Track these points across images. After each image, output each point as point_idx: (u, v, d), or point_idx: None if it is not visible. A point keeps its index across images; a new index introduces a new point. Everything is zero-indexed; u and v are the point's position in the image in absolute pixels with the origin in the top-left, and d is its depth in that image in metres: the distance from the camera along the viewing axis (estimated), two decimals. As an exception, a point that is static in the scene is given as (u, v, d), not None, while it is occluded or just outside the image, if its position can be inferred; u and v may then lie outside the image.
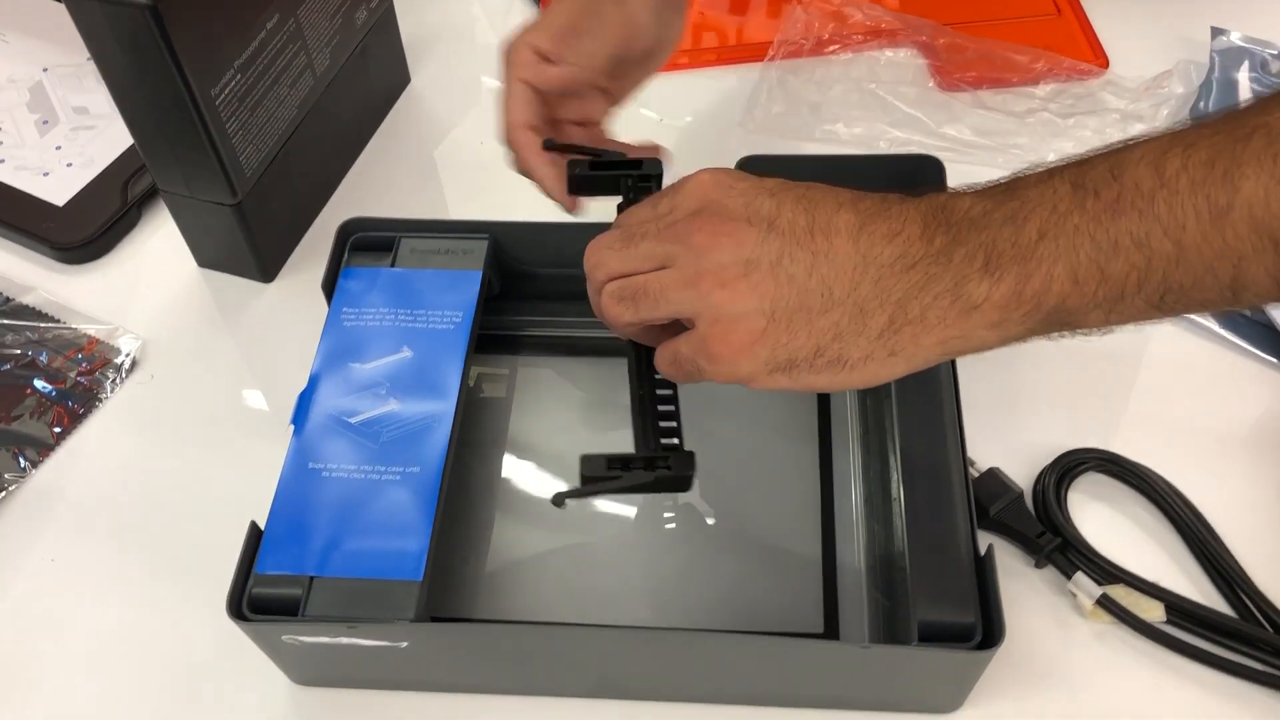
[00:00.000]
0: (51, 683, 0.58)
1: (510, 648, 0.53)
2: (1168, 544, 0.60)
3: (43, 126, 0.81)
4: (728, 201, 0.46)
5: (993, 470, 0.60)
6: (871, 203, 0.45)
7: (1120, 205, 0.40)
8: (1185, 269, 0.40)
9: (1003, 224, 0.42)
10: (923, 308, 0.43)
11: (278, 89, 0.69)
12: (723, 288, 0.44)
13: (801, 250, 0.44)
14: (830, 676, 0.54)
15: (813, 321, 0.44)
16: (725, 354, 0.45)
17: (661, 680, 0.55)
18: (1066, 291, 0.41)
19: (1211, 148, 0.39)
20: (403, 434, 0.56)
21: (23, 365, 0.69)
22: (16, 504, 0.64)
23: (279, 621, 0.50)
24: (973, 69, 0.80)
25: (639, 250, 0.47)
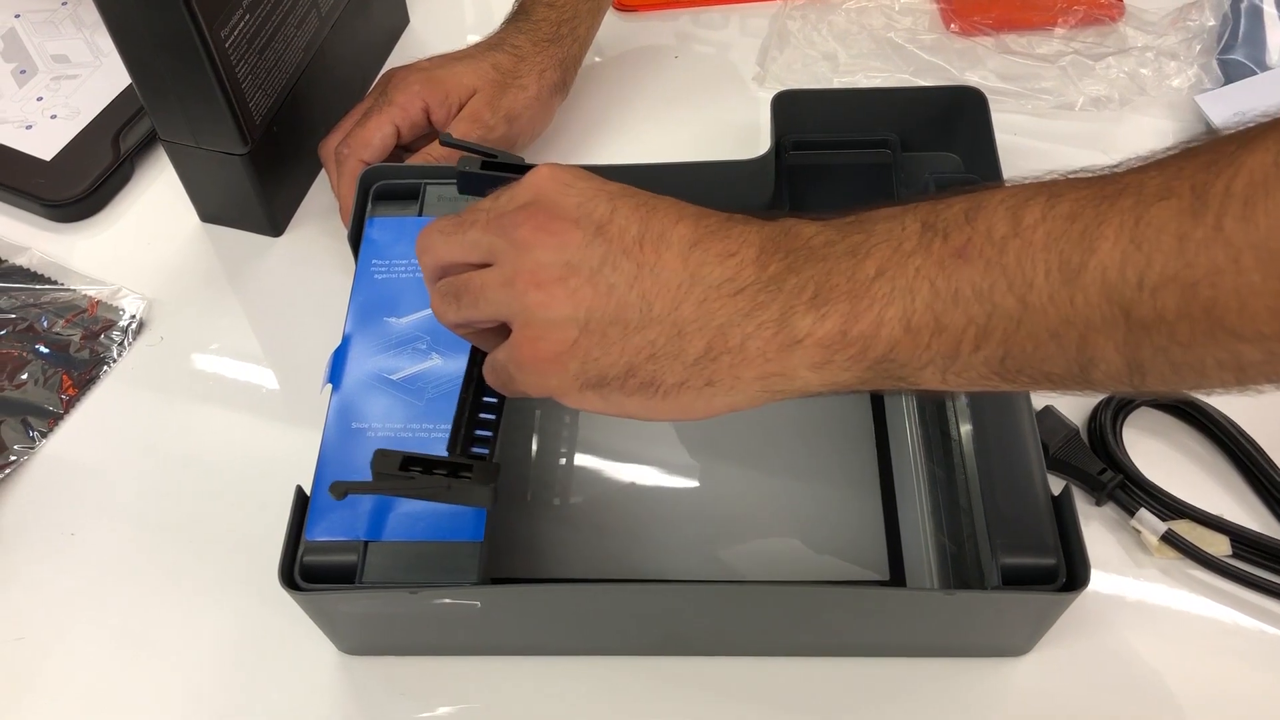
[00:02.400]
0: (83, 661, 0.55)
1: (582, 607, 0.52)
2: (1225, 477, 0.59)
3: (20, 76, 0.76)
4: (561, 199, 0.42)
5: (1048, 408, 0.59)
6: (715, 221, 0.41)
7: (968, 251, 0.36)
8: (1028, 332, 0.36)
9: (842, 257, 0.39)
10: (744, 336, 0.39)
11: (285, 30, 0.65)
12: (538, 289, 0.41)
13: (627, 260, 0.41)
14: (903, 624, 0.53)
15: (627, 337, 0.40)
16: (533, 362, 0.42)
17: (729, 635, 0.54)
18: (897, 339, 0.37)
19: (1076, 201, 0.35)
20: (448, 389, 0.53)
21: (21, 330, 0.66)
22: (28, 476, 0.61)
23: (336, 590, 0.48)
24: (988, 11, 0.77)
25: (465, 238, 0.44)
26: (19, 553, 0.58)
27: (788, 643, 0.54)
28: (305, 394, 0.62)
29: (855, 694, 0.53)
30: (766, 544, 0.57)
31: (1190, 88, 0.72)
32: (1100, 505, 0.58)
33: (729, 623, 0.53)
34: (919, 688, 0.53)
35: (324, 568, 0.49)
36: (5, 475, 0.60)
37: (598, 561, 0.57)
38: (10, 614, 0.56)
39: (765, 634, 0.54)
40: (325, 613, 0.51)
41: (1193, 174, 0.33)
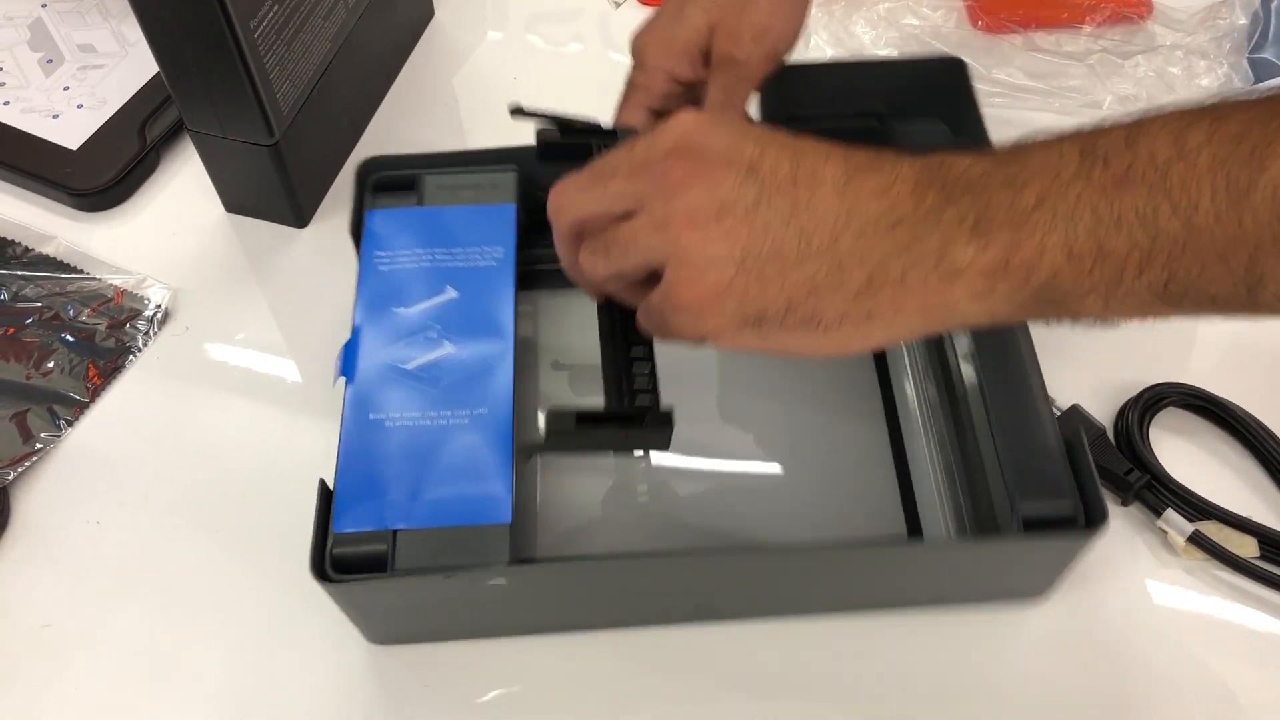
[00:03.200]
0: (109, 649, 0.55)
1: (615, 581, 0.52)
2: (1252, 478, 0.59)
3: (47, 66, 0.76)
4: (708, 142, 0.42)
5: (1075, 407, 0.59)
6: (864, 156, 0.41)
7: (1130, 177, 0.36)
8: (1193, 255, 0.35)
9: (1000, 187, 0.38)
10: (904, 268, 0.39)
11: (312, 21, 0.65)
12: (693, 229, 0.41)
13: (781, 197, 0.40)
14: (926, 576, 0.54)
15: (786, 273, 0.40)
16: (691, 302, 0.41)
17: (756, 599, 0.54)
18: (1060, 266, 0.37)
19: (1243, 122, 0.34)
20: (463, 376, 0.53)
21: (47, 319, 0.66)
22: (54, 465, 0.61)
23: (369, 579, 0.48)
24: (1016, 8, 0.77)
25: (608, 190, 0.44)
26: (46, 540, 0.58)
27: (813, 602, 0.55)
28: (328, 386, 0.62)
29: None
30: (782, 509, 0.58)
31: (1220, 87, 0.72)
32: (1127, 505, 0.58)
33: (756, 587, 0.53)
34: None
35: (355, 558, 0.49)
36: (32, 463, 0.60)
37: (619, 536, 0.57)
38: (37, 601, 0.56)
39: (791, 596, 0.54)
40: (357, 603, 0.51)
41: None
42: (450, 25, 0.81)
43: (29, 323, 0.65)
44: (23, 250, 0.69)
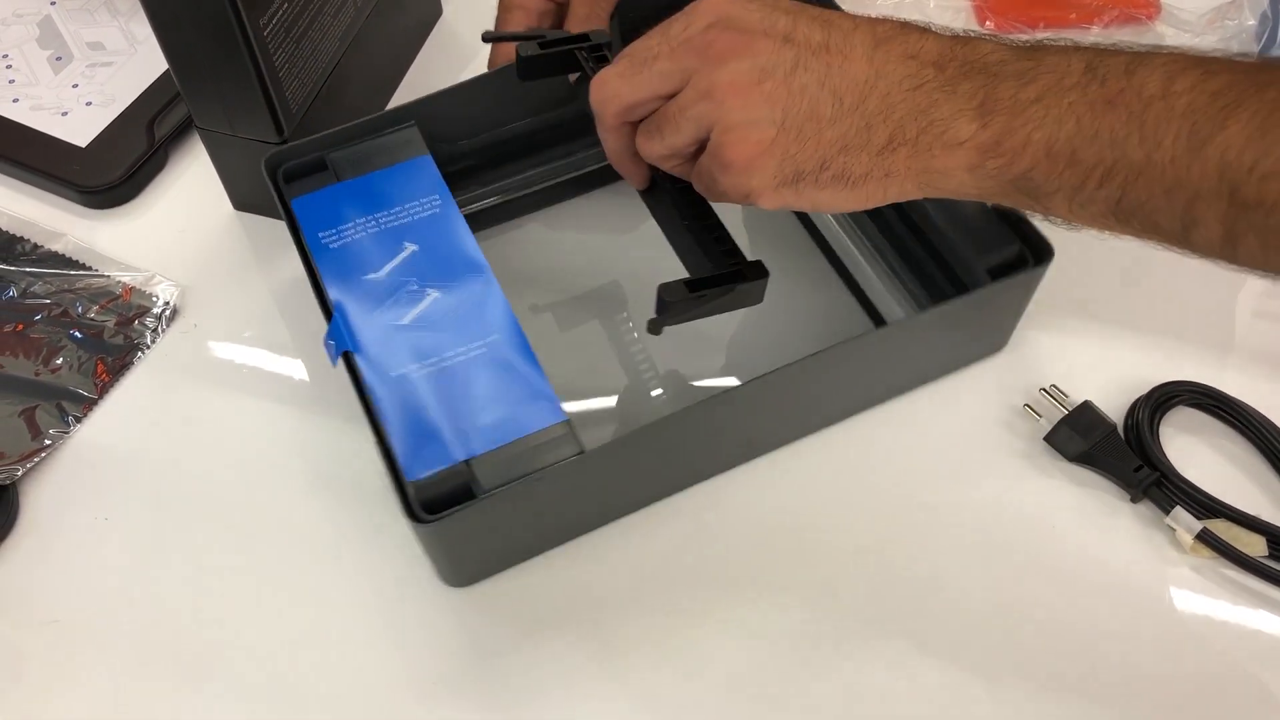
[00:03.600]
0: (114, 645, 0.55)
1: (687, 433, 0.54)
2: (1263, 478, 0.59)
3: (56, 63, 0.76)
4: (744, 15, 0.45)
5: (1086, 403, 0.59)
6: (890, 26, 0.45)
7: (1118, 100, 0.40)
8: (1145, 183, 0.40)
9: (1010, 77, 0.42)
10: (919, 130, 0.43)
11: (322, 20, 0.65)
12: (736, 94, 0.44)
13: (816, 60, 0.44)
14: (911, 354, 0.59)
15: (821, 132, 0.44)
16: (737, 161, 0.45)
17: (787, 421, 0.59)
18: (1038, 160, 0.42)
19: (1226, 83, 0.39)
20: (460, 315, 0.55)
21: (56, 316, 0.66)
22: (63, 461, 0.61)
23: (466, 508, 0.49)
24: (1024, 9, 0.77)
25: (653, 71, 0.46)
26: (54, 536, 0.58)
27: (828, 411, 0.60)
28: (336, 383, 0.62)
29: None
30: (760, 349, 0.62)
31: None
32: (1136, 502, 0.58)
33: (787, 407, 0.58)
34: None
35: (440, 498, 0.50)
36: (41, 459, 0.60)
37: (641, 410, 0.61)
38: (45, 598, 0.56)
39: (809, 411, 0.59)
40: (452, 538, 0.52)
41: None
42: (458, 24, 0.81)
43: (38, 319, 0.66)
44: (32, 247, 0.69)
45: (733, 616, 0.55)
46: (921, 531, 0.57)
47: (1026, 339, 0.63)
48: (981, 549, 0.57)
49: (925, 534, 0.57)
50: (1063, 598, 0.55)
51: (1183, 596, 0.55)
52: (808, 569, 0.56)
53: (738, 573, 0.56)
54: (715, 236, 0.51)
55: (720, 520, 0.58)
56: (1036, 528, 0.57)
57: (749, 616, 0.55)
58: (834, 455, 0.60)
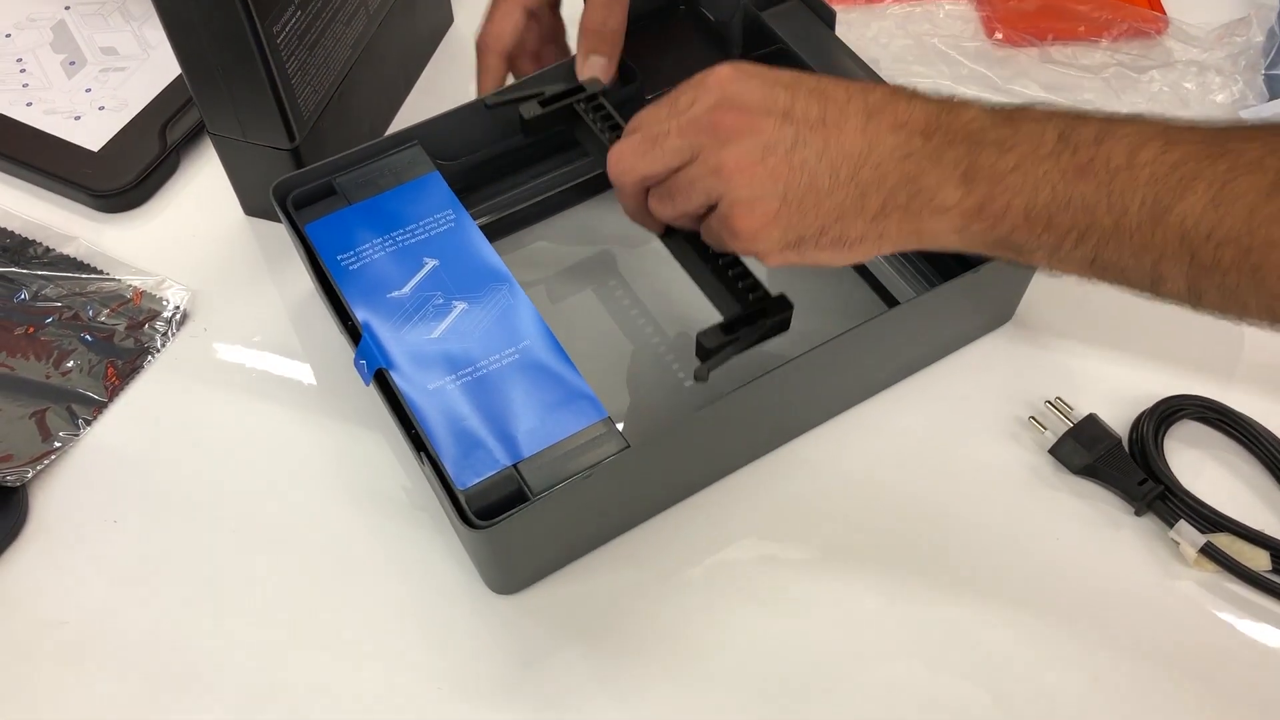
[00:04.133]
0: (123, 648, 0.55)
1: (736, 415, 0.56)
2: (1267, 492, 0.59)
3: (70, 68, 0.77)
4: (745, 94, 0.49)
5: (1091, 416, 0.59)
6: (881, 95, 0.48)
7: (1088, 169, 0.44)
8: (1115, 246, 0.44)
9: (990, 145, 0.45)
10: (909, 197, 0.47)
11: (334, 27, 0.65)
12: (742, 172, 0.48)
13: (815, 136, 0.47)
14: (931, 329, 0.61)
15: (820, 202, 0.47)
16: (745, 231, 0.49)
17: (813, 406, 0.61)
18: (1017, 224, 0.45)
19: (1184, 153, 0.42)
20: (488, 324, 0.56)
21: (67, 319, 0.66)
22: (72, 463, 0.61)
23: (523, 509, 0.50)
24: (1033, 20, 0.77)
25: (666, 148, 0.50)
26: (62, 539, 0.59)
27: (838, 401, 0.62)
28: (345, 388, 0.63)
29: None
30: None
31: (1234, 103, 0.72)
32: (1140, 515, 0.58)
33: (815, 391, 0.59)
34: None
35: (494, 504, 0.51)
36: (51, 462, 0.61)
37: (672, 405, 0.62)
38: (54, 599, 0.57)
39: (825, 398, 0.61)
40: (506, 542, 0.52)
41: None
42: (469, 32, 0.80)
43: (49, 322, 0.66)
44: (44, 250, 0.69)
45: (761, 611, 0.56)
46: (926, 543, 0.58)
47: (1032, 310, 0.65)
48: (985, 560, 0.57)
49: (930, 546, 0.58)
50: (1066, 610, 0.55)
51: (1186, 610, 0.56)
52: (839, 563, 0.58)
53: (764, 567, 0.57)
54: (735, 273, 0.54)
55: (744, 513, 0.59)
56: (1040, 540, 0.58)
57: (775, 611, 0.56)
58: (849, 444, 0.61)
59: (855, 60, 0.67)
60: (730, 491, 0.60)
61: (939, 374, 0.63)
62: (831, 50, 0.67)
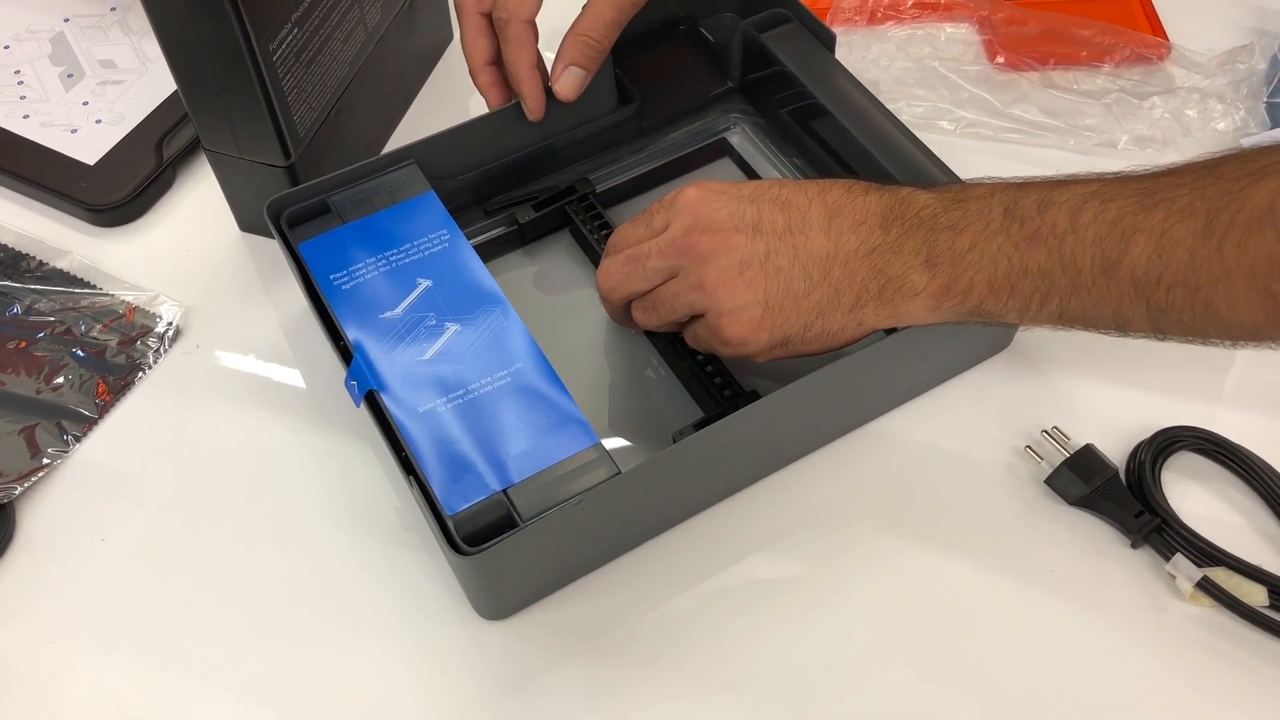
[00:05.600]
0: (108, 668, 0.55)
1: (725, 444, 0.55)
2: (1265, 527, 0.58)
3: (67, 80, 0.77)
4: (715, 214, 0.53)
5: (1088, 446, 0.59)
6: (838, 194, 0.52)
7: (1038, 237, 0.47)
8: (1077, 301, 0.47)
9: (944, 229, 0.50)
10: (879, 287, 0.51)
11: (331, 45, 0.65)
12: (723, 286, 0.52)
13: (784, 245, 0.52)
14: (928, 354, 0.61)
15: (799, 304, 0.52)
16: (734, 339, 0.53)
17: (806, 431, 0.60)
18: (984, 296, 0.49)
19: (1121, 208, 0.46)
20: (481, 346, 0.56)
21: (59, 334, 0.66)
22: (61, 480, 0.61)
23: (509, 537, 0.49)
24: (1035, 45, 0.77)
25: (648, 269, 0.55)
26: (50, 556, 0.58)
27: (837, 425, 0.61)
28: (338, 406, 0.62)
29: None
30: None
31: (1235, 131, 0.71)
32: (1136, 548, 0.57)
33: (811, 418, 0.59)
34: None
35: (481, 530, 0.50)
36: (39, 478, 0.60)
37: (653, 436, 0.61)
38: (39, 618, 0.56)
39: (823, 424, 0.61)
40: (494, 569, 0.52)
41: (1211, 199, 0.44)
42: (469, 49, 0.81)
43: (40, 337, 0.66)
44: (37, 264, 0.69)
45: (755, 638, 0.55)
46: (919, 573, 0.57)
47: (1030, 338, 0.65)
48: (978, 591, 0.56)
49: (922, 575, 0.57)
50: (1059, 643, 0.55)
51: (1181, 645, 0.55)
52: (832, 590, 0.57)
53: (757, 594, 0.57)
54: (712, 370, 0.59)
55: (738, 539, 0.59)
56: (1035, 571, 0.57)
57: (769, 638, 0.55)
58: (844, 471, 0.61)
59: (854, 84, 0.66)
60: (724, 517, 0.59)
61: (935, 401, 0.63)
62: (830, 74, 0.67)
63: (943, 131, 0.74)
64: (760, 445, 0.58)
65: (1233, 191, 0.43)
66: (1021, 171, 0.53)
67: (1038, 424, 0.61)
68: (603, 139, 0.70)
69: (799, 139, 0.70)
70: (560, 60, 0.63)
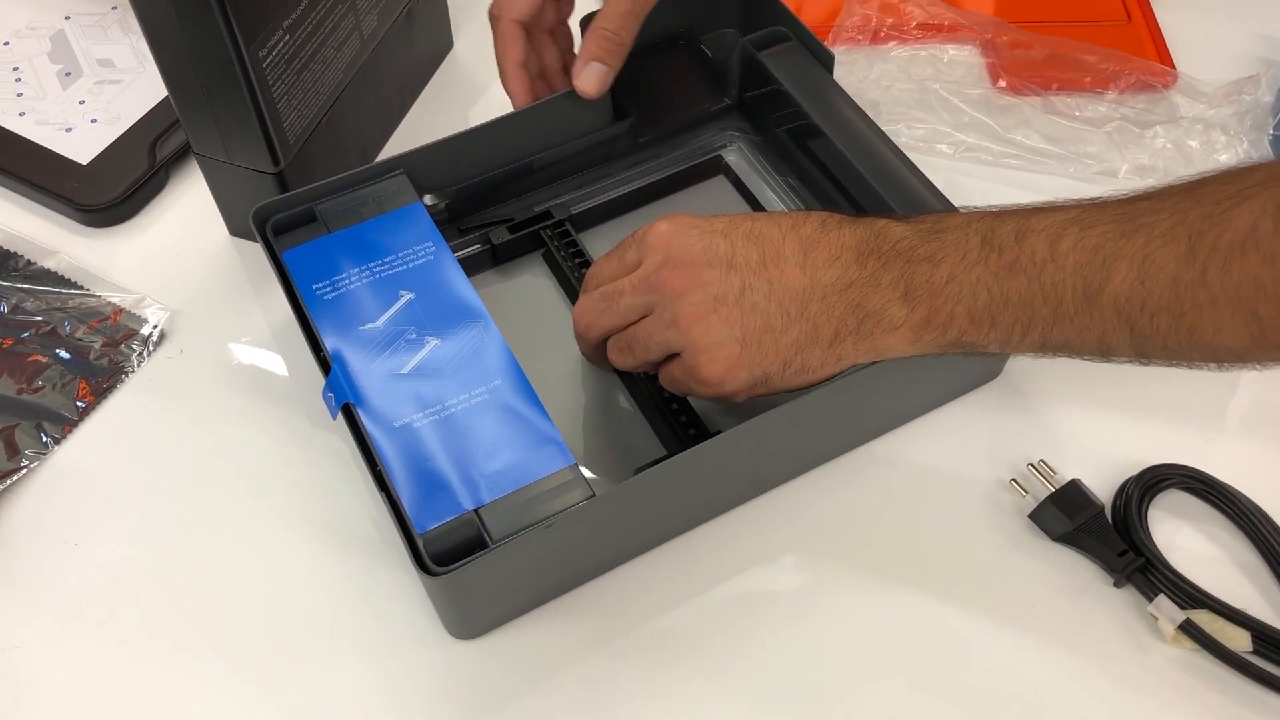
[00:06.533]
0: (80, 672, 0.55)
1: (697, 471, 0.55)
2: (1252, 570, 0.57)
3: (65, 79, 0.76)
4: (688, 249, 0.52)
5: (1074, 482, 0.58)
6: (811, 228, 0.51)
7: (1016, 267, 0.47)
8: (1060, 330, 0.47)
9: (922, 261, 0.49)
10: (858, 322, 0.50)
11: (325, 52, 0.65)
12: (698, 323, 0.51)
13: (759, 280, 0.50)
14: (913, 384, 0.60)
15: (777, 340, 0.50)
16: (712, 378, 0.51)
17: (789, 457, 0.59)
18: (964, 328, 0.48)
19: (1101, 235, 0.45)
20: (460, 361, 0.55)
21: (44, 333, 0.66)
22: (38, 482, 0.61)
23: (479, 558, 0.48)
24: (1039, 69, 0.76)
25: (621, 306, 0.53)
26: (23, 559, 0.58)
27: (827, 447, 0.60)
28: (320, 418, 0.62)
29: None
30: None
31: (1239, 163, 0.70)
32: (1120, 587, 0.56)
33: (793, 443, 0.58)
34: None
35: (451, 549, 0.50)
36: (16, 479, 0.60)
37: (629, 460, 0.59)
38: (11, 622, 0.56)
39: (808, 448, 0.60)
40: (463, 589, 0.51)
41: (1192, 223, 0.43)
42: (469, 57, 0.81)
43: (25, 336, 0.65)
44: (25, 263, 0.69)
45: (730, 666, 0.54)
46: (898, 604, 0.56)
47: (1018, 366, 0.64)
48: (954, 626, 0.56)
49: (898, 607, 0.56)
50: (1037, 683, 0.54)
51: (1161, 688, 0.54)
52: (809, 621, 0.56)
53: (733, 620, 0.56)
54: (675, 409, 0.58)
55: (713, 565, 0.58)
56: (1014, 607, 0.56)
57: (743, 667, 0.55)
58: (826, 498, 0.60)
59: (851, 106, 0.66)
60: (704, 541, 0.58)
61: (922, 429, 0.62)
62: (828, 94, 0.66)
63: (941, 155, 0.73)
64: (736, 474, 0.58)
65: (1214, 215, 0.43)
66: (1020, 198, 0.51)
67: (1025, 456, 0.60)
68: (597, 153, 0.69)
69: (795, 159, 0.69)
70: (581, 57, 0.63)
